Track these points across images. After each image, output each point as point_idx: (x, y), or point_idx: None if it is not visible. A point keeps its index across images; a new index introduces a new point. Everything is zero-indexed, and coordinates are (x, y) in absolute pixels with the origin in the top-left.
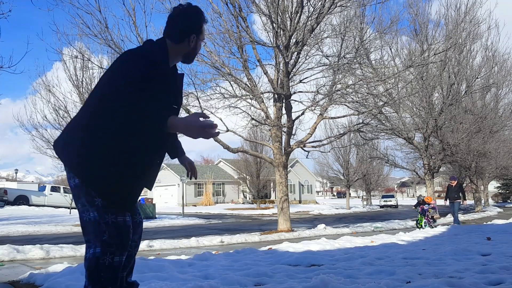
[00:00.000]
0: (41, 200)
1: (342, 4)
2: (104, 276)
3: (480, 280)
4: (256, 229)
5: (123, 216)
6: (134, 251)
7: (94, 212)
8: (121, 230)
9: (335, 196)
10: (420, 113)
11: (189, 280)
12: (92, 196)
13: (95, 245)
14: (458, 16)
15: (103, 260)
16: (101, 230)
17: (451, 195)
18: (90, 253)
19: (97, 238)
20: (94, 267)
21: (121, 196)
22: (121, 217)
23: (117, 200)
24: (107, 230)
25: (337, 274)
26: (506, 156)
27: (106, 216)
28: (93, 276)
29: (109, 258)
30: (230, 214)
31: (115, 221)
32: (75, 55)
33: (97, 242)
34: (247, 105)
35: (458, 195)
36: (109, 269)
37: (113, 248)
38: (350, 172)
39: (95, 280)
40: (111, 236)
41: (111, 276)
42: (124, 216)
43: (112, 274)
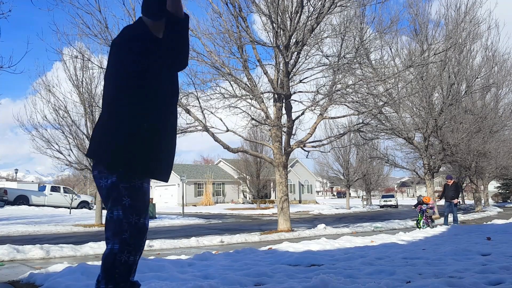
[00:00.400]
0: (41, 200)
1: (342, 4)
2: (118, 272)
3: (480, 280)
4: (256, 229)
5: (144, 218)
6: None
7: (120, 211)
8: (141, 232)
9: (335, 196)
10: (420, 113)
11: (189, 280)
12: (122, 195)
13: (113, 242)
14: (458, 16)
15: (119, 257)
16: (123, 229)
17: (448, 195)
18: (108, 249)
19: (117, 236)
20: (111, 263)
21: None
22: (143, 220)
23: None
24: (129, 230)
25: (337, 274)
26: (506, 156)
27: (131, 217)
28: (108, 271)
29: (126, 257)
30: (230, 214)
31: (137, 222)
32: (75, 55)
33: (116, 239)
34: (247, 105)
35: (456, 195)
36: (124, 267)
37: (131, 247)
38: (350, 172)
39: (109, 275)
40: (132, 236)
41: (124, 273)
42: (145, 219)
43: (126, 272)
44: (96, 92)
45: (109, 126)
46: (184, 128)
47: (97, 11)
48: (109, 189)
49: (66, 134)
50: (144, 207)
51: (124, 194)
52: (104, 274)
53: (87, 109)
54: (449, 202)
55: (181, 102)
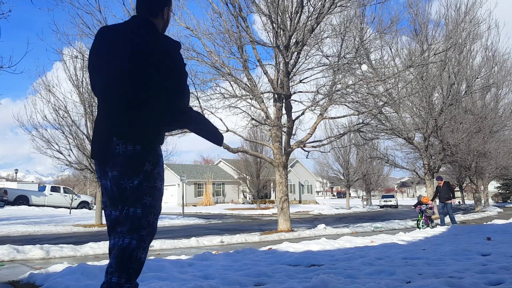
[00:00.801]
0: (41, 200)
1: (342, 4)
2: (133, 267)
3: (480, 280)
4: (256, 229)
5: (157, 220)
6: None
7: (138, 209)
8: (154, 232)
9: (335, 196)
10: (420, 113)
11: (189, 280)
12: (145, 194)
13: (131, 237)
14: (458, 16)
15: (136, 253)
16: (143, 226)
17: (442, 196)
18: (126, 243)
19: (136, 232)
20: (128, 257)
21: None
22: (157, 221)
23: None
24: (147, 228)
25: (337, 274)
26: (506, 156)
27: (150, 216)
28: (124, 265)
29: (141, 253)
30: (230, 214)
31: (154, 222)
32: (75, 55)
33: (135, 235)
34: (247, 105)
35: (449, 195)
36: (138, 263)
37: (145, 244)
38: (350, 172)
39: (124, 269)
40: (148, 234)
41: (137, 270)
42: (157, 220)
43: (139, 269)
44: None
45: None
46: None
47: (97, 11)
48: (135, 189)
49: (66, 134)
50: (160, 208)
51: (146, 193)
52: (119, 266)
53: (87, 109)
54: (443, 203)
55: None
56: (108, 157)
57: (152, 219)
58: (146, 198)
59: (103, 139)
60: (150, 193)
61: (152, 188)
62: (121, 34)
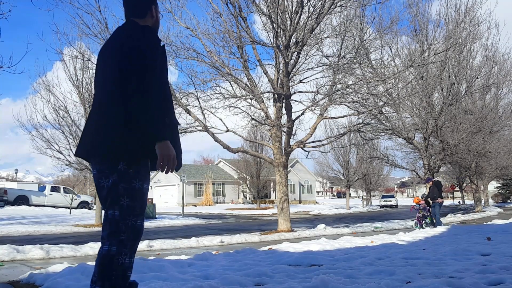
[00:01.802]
0: (41, 200)
1: (342, 4)
2: (115, 274)
3: (480, 280)
4: (256, 229)
5: (141, 220)
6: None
7: (116, 212)
8: (138, 234)
9: (335, 196)
10: (420, 113)
11: (189, 280)
12: (121, 195)
13: (111, 243)
14: (458, 16)
15: (117, 259)
16: (120, 231)
17: (431, 196)
18: (105, 250)
19: (115, 237)
20: (108, 265)
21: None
22: (140, 221)
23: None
24: (126, 231)
25: (337, 274)
26: (506, 156)
27: (128, 218)
28: (105, 273)
29: (122, 259)
30: (230, 214)
31: (134, 224)
32: (75, 55)
33: (114, 240)
34: (247, 105)
35: (437, 194)
36: (121, 269)
37: (126, 249)
38: (350, 172)
39: (106, 277)
40: (129, 237)
41: (121, 275)
42: (142, 221)
43: (123, 274)
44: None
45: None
46: (184, 128)
47: (97, 11)
48: (109, 189)
49: (66, 134)
50: (142, 209)
51: (123, 194)
52: (101, 275)
53: (87, 109)
54: (433, 203)
55: (181, 102)
56: (90, 155)
57: (131, 222)
58: (123, 200)
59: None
60: (127, 194)
61: (129, 189)
62: (105, 45)
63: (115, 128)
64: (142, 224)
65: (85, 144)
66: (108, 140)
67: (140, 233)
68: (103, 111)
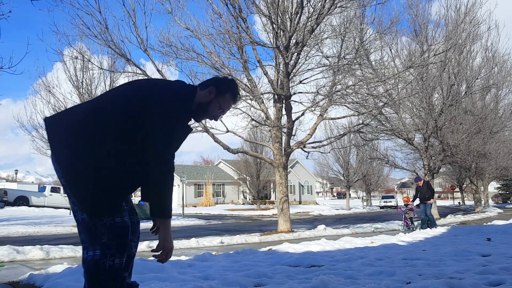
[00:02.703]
0: (41, 201)
1: (342, 5)
2: (103, 279)
3: (480, 281)
4: (256, 230)
5: (121, 216)
6: (133, 252)
7: (84, 215)
8: (120, 232)
9: (335, 197)
10: (420, 114)
11: (189, 281)
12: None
13: (94, 248)
14: (458, 16)
15: (103, 263)
16: (99, 232)
17: (422, 196)
18: (89, 256)
19: (96, 241)
20: (94, 271)
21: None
22: (119, 218)
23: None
24: (106, 232)
25: (337, 275)
26: (506, 157)
27: (104, 218)
28: (93, 279)
29: (110, 261)
30: (230, 215)
31: (113, 223)
32: (75, 55)
33: (96, 245)
34: (247, 106)
35: (429, 195)
36: (109, 272)
37: (113, 250)
38: (350, 173)
39: (94, 282)
40: (110, 238)
41: (111, 279)
42: (122, 217)
43: (113, 276)
44: (96, 93)
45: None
46: None
47: (97, 12)
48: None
49: None
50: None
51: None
52: (88, 282)
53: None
54: (424, 203)
55: None
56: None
57: (108, 221)
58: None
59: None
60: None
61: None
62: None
63: (92, 172)
64: (124, 219)
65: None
66: (80, 184)
67: (122, 230)
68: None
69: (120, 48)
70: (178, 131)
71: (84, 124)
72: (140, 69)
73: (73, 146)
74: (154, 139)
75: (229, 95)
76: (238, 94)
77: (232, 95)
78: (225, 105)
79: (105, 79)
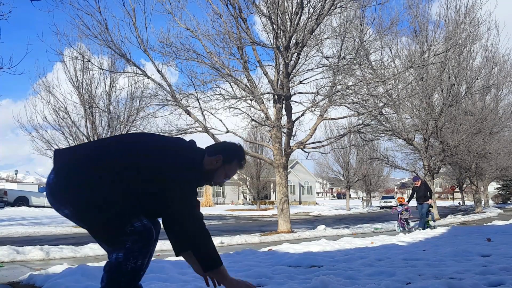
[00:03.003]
0: (41, 201)
1: (342, 5)
2: (123, 280)
3: (480, 281)
4: (256, 230)
5: (139, 220)
6: (153, 249)
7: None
8: (142, 235)
9: (335, 197)
10: (420, 114)
11: (189, 281)
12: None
13: (118, 251)
14: (458, 17)
15: (125, 265)
16: (123, 240)
17: (419, 196)
18: (113, 258)
19: (120, 246)
20: (116, 272)
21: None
22: (138, 223)
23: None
24: (129, 239)
25: (337, 275)
26: (506, 157)
27: (123, 228)
28: (113, 280)
29: (132, 263)
30: (230, 215)
31: (133, 229)
32: (75, 56)
33: (121, 249)
34: (247, 106)
35: (426, 196)
36: (130, 273)
37: (136, 253)
38: (350, 173)
39: (114, 283)
40: (133, 242)
41: (130, 279)
42: (141, 221)
43: (132, 277)
44: (96, 93)
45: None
46: (184, 129)
47: (97, 12)
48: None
49: (66, 135)
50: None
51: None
52: (108, 282)
53: (87, 110)
54: (420, 204)
55: (181, 103)
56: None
57: (128, 228)
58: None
59: None
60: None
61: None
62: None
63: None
64: (144, 222)
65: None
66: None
67: (144, 233)
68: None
69: (120, 48)
70: (194, 193)
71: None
72: (140, 69)
73: (83, 180)
74: (176, 206)
75: (236, 162)
76: (244, 160)
77: (239, 162)
78: (231, 172)
79: (105, 80)
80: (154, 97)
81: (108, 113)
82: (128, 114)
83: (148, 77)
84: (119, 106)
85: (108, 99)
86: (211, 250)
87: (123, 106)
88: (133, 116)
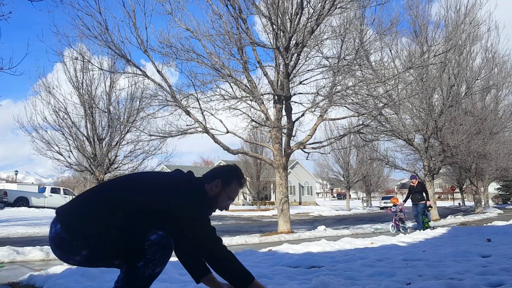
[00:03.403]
0: (41, 201)
1: (342, 5)
2: (139, 284)
3: (481, 281)
4: (256, 231)
5: (154, 233)
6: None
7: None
8: (160, 245)
9: (335, 198)
10: (420, 115)
11: (189, 282)
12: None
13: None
14: (458, 17)
15: (143, 271)
16: (142, 254)
17: (414, 196)
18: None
19: (140, 258)
20: (132, 274)
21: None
22: (154, 235)
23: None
24: (149, 252)
25: (337, 275)
26: (506, 158)
27: (141, 244)
28: (129, 282)
29: (150, 270)
30: (230, 216)
31: (150, 243)
32: (75, 56)
33: (142, 260)
34: (247, 107)
35: (422, 196)
36: (147, 279)
37: (156, 261)
38: (350, 174)
39: (129, 285)
40: (153, 253)
41: (146, 285)
42: (155, 233)
43: (148, 283)
44: (96, 94)
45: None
46: (184, 129)
47: (97, 12)
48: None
49: (66, 135)
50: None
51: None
52: (124, 284)
53: (87, 111)
54: (416, 204)
55: (181, 104)
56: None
57: (146, 244)
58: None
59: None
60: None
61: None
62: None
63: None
64: (158, 233)
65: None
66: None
67: (161, 243)
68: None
69: (120, 49)
70: (209, 220)
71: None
72: (140, 70)
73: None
74: (201, 240)
75: (235, 183)
76: (243, 179)
77: (238, 182)
78: (233, 194)
79: (105, 80)
80: (154, 98)
81: (108, 114)
82: (128, 115)
83: (148, 77)
84: (119, 106)
85: (108, 99)
86: (241, 267)
87: (123, 107)
88: (133, 116)
